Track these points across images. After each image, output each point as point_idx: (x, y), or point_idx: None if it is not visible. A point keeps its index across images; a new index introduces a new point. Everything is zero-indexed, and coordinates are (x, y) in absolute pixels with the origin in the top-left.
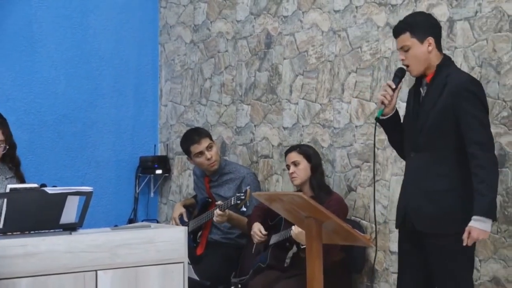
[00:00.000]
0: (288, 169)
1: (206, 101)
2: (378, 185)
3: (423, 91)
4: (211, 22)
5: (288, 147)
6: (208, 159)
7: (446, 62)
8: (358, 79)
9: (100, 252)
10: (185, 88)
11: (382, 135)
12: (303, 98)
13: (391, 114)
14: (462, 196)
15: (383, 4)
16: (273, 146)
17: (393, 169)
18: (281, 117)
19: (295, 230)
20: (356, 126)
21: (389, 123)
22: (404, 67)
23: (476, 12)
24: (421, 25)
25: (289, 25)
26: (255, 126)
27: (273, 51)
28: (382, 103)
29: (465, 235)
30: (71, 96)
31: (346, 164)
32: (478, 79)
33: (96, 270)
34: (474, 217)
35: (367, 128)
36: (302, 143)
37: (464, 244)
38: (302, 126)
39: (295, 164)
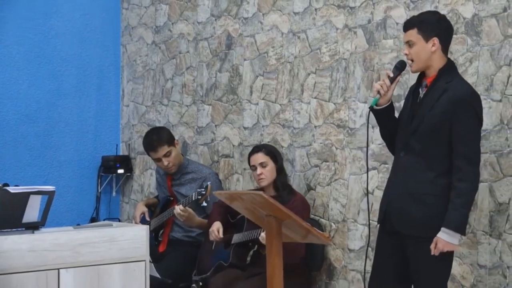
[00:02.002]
0: (254, 170)
1: (168, 101)
2: (337, 184)
3: (421, 92)
4: (172, 24)
5: (250, 147)
6: (166, 165)
7: (449, 68)
8: (317, 80)
9: (62, 250)
10: (147, 88)
11: (340, 135)
12: (263, 99)
13: (385, 106)
14: (445, 203)
15: (342, 6)
16: (233, 145)
17: (351, 169)
18: (241, 117)
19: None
20: (315, 126)
21: (382, 114)
22: (406, 61)
23: None
24: (430, 24)
25: (250, 27)
26: (216, 126)
27: (233, 52)
28: (378, 92)
29: (432, 245)
30: (34, 96)
31: (305, 163)
32: None
33: (58, 269)
34: (443, 229)
35: (326, 128)
36: (265, 143)
37: (432, 253)
38: (262, 126)
39: (263, 165)
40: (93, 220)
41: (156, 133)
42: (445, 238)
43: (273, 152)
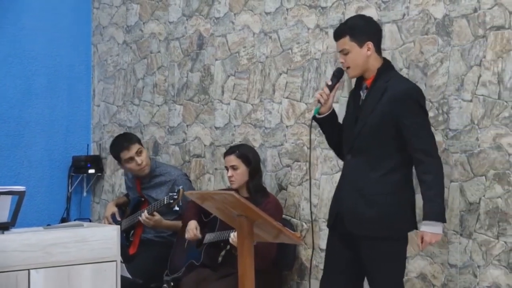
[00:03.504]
0: (227, 170)
1: (139, 101)
2: (308, 184)
3: (362, 94)
4: (143, 23)
5: (222, 147)
6: (139, 164)
7: (387, 67)
8: (289, 80)
9: (33, 251)
10: (118, 88)
11: (311, 135)
12: (234, 99)
13: (327, 113)
14: (397, 200)
15: (313, 6)
16: (205, 145)
17: (323, 168)
18: (213, 117)
19: (236, 239)
20: (287, 126)
21: (325, 122)
22: (343, 68)
23: (404, 15)
24: (361, 29)
25: (221, 27)
26: (187, 126)
27: (205, 52)
28: (319, 101)
29: (418, 241)
30: (4, 96)
31: (277, 163)
32: None
33: (28, 269)
34: (424, 222)
35: (298, 128)
36: (242, 144)
37: (421, 249)
38: (234, 126)
39: (234, 168)
40: (64, 220)
41: (123, 135)
42: (429, 230)
43: (246, 155)
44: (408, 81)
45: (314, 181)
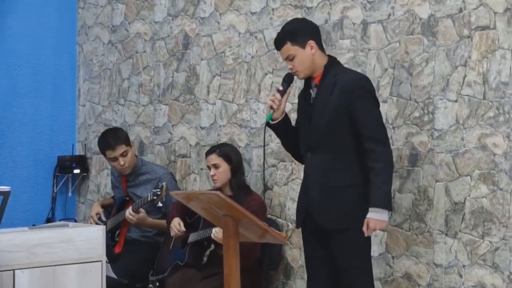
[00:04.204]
0: (209, 169)
1: (124, 101)
2: (294, 184)
3: (313, 92)
4: (129, 23)
5: (207, 147)
6: (121, 165)
7: (333, 62)
8: (274, 80)
9: (18, 251)
10: (103, 88)
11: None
12: (220, 99)
13: (280, 119)
14: (361, 191)
15: (299, 6)
16: (190, 145)
17: None
18: (198, 117)
19: (218, 235)
20: None
21: (279, 128)
22: (292, 72)
23: (389, 15)
24: (300, 31)
25: (207, 27)
26: (173, 126)
27: (190, 52)
28: (271, 108)
29: (364, 227)
30: None
31: (262, 163)
32: (391, 80)
33: (13, 270)
34: (370, 209)
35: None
36: (223, 143)
37: (366, 235)
38: (220, 126)
39: (215, 166)
40: (49, 220)
41: (113, 133)
42: (374, 217)
43: (227, 154)
44: (356, 72)
45: (299, 181)
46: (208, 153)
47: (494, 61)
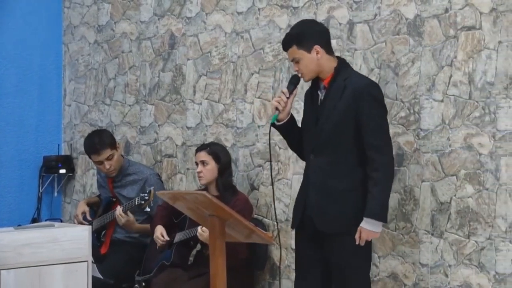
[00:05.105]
0: (197, 166)
1: (110, 101)
2: (280, 183)
3: (321, 94)
4: (115, 23)
5: (193, 147)
6: (107, 169)
7: (343, 65)
8: (261, 80)
9: (3, 251)
10: (89, 88)
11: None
12: (206, 98)
13: (286, 120)
14: (362, 196)
15: (285, 6)
16: (177, 145)
17: (294, 168)
18: (184, 117)
19: (204, 234)
20: (258, 126)
21: (285, 128)
22: (298, 75)
23: (375, 15)
24: (306, 35)
25: (193, 26)
26: (159, 126)
27: (176, 52)
28: (277, 109)
29: (357, 235)
30: None
31: (249, 163)
32: (377, 80)
33: None
34: (365, 219)
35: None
36: (214, 142)
37: (357, 243)
38: (206, 126)
39: (203, 163)
40: (35, 220)
41: (99, 136)
42: (367, 227)
43: (216, 152)
44: (366, 78)
45: (286, 181)
46: (198, 150)
47: (480, 61)
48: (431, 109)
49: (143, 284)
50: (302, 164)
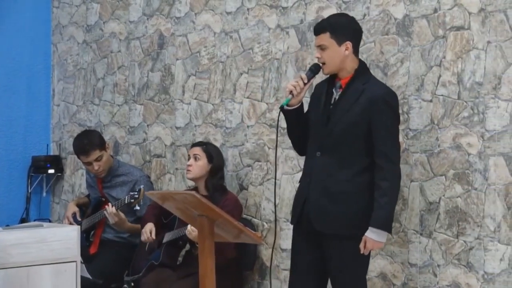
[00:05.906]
0: (188, 159)
1: (99, 101)
2: (269, 183)
3: (336, 93)
4: (104, 23)
5: (182, 147)
6: (96, 170)
7: (364, 69)
8: (250, 80)
9: None
10: (78, 88)
11: (272, 135)
12: (195, 98)
13: (296, 106)
14: (366, 200)
15: (274, 6)
16: (166, 145)
17: (283, 168)
18: (173, 117)
19: (193, 233)
20: (247, 126)
21: (292, 115)
22: (319, 63)
23: (364, 15)
24: (343, 28)
25: (182, 26)
26: (148, 125)
27: (166, 52)
28: (291, 92)
29: (361, 245)
30: None
31: (238, 163)
32: None
33: None
34: (370, 228)
35: (259, 128)
36: (212, 143)
37: (361, 252)
38: (195, 126)
39: (196, 158)
40: (23, 220)
41: (88, 137)
42: (373, 237)
43: (211, 152)
44: (385, 86)
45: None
46: (194, 145)
47: (469, 61)
48: (420, 109)
49: (132, 284)
50: (292, 164)
